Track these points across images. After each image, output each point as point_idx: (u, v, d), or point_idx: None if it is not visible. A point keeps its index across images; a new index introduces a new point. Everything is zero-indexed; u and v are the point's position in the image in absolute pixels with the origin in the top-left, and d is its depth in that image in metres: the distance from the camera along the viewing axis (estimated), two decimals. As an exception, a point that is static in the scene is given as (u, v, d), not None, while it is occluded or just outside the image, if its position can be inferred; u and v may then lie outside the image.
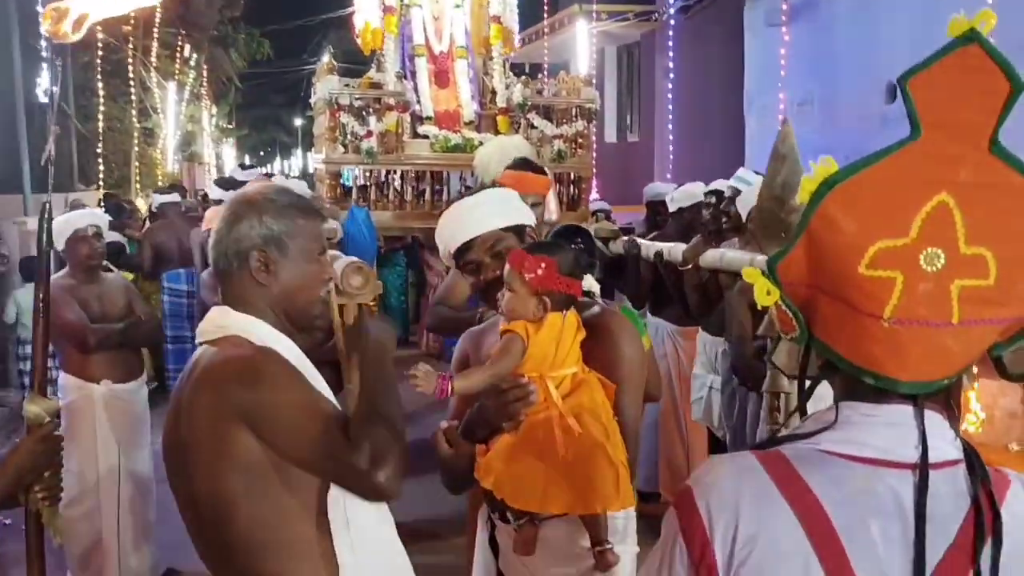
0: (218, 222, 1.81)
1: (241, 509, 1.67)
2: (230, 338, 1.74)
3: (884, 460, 1.08)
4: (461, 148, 5.25)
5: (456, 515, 4.98)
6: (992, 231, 1.03)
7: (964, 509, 1.08)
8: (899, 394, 1.10)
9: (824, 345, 1.13)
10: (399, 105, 5.11)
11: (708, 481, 1.14)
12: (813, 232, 1.08)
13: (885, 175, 1.05)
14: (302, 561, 1.72)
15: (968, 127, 1.04)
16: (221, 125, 23.03)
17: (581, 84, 5.59)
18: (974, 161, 1.03)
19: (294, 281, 1.80)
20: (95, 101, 12.59)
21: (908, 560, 1.06)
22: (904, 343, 1.05)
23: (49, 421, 2.08)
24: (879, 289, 1.04)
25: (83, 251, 4.10)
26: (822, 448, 1.10)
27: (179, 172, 16.69)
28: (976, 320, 1.04)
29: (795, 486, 1.08)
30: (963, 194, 1.03)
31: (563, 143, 5.33)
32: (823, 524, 1.06)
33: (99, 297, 4.18)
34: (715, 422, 4.84)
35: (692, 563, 1.10)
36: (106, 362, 4.13)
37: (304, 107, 33.52)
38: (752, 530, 1.07)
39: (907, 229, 1.03)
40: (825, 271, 1.09)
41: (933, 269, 1.02)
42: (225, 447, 1.65)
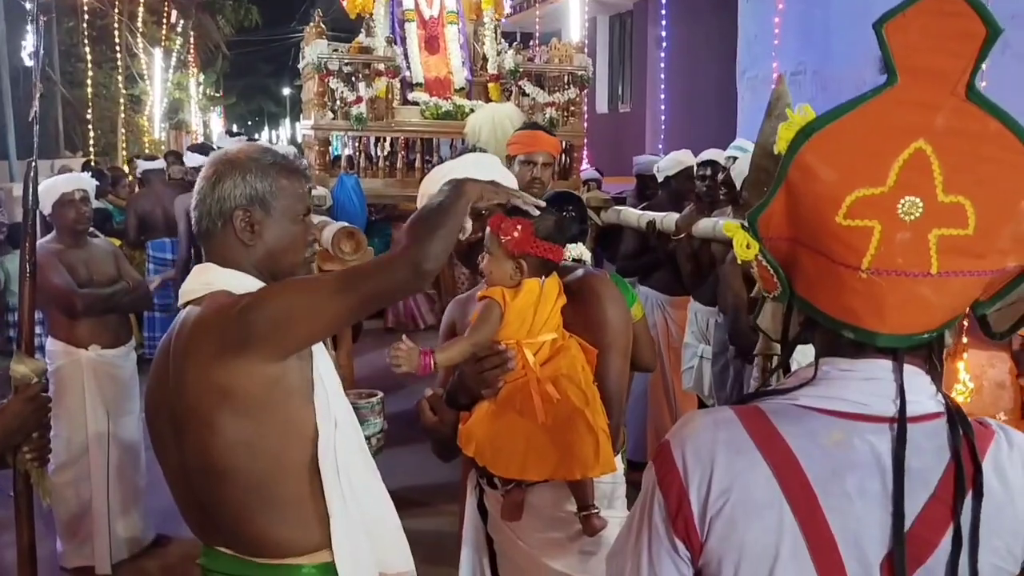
0: (200, 182, 1.79)
1: (236, 467, 1.66)
2: (216, 294, 1.72)
3: (861, 414, 1.08)
4: (452, 115, 5.21)
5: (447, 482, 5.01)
6: (970, 179, 1.02)
7: (944, 462, 1.08)
8: (878, 349, 1.09)
9: (804, 301, 1.13)
10: (389, 71, 5.06)
11: (685, 433, 1.14)
12: (791, 183, 1.08)
13: (862, 123, 1.03)
14: (295, 518, 1.71)
15: (944, 73, 1.02)
16: (208, 93, 22.79)
17: (574, 51, 5.54)
18: (951, 107, 1.01)
19: (279, 242, 1.78)
20: (80, 67, 12.44)
21: (887, 513, 1.06)
22: (882, 294, 1.04)
23: (36, 381, 2.07)
24: (856, 239, 1.03)
25: (70, 215, 4.06)
26: (799, 403, 1.11)
27: (166, 140, 16.52)
28: (955, 271, 1.03)
29: (770, 439, 1.09)
30: (940, 141, 1.01)
31: (555, 111, 5.29)
32: (797, 476, 1.06)
33: (86, 262, 4.14)
34: (705, 391, 4.86)
35: (669, 515, 1.11)
36: (94, 327, 4.11)
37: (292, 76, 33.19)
38: (726, 481, 1.08)
39: (884, 178, 1.02)
40: (803, 222, 1.08)
41: (911, 218, 1.01)
42: (221, 397, 1.62)
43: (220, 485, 1.68)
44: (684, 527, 1.10)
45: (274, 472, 1.68)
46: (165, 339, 1.78)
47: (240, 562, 1.74)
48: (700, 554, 1.10)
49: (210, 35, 19.58)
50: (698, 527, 1.09)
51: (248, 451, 1.65)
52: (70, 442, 4.12)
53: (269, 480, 1.68)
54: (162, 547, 4.47)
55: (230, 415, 1.63)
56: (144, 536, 4.44)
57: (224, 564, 1.76)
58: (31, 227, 2.16)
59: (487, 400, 1.98)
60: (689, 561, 1.12)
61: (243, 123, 36.46)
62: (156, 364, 1.78)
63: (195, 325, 1.68)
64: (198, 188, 1.78)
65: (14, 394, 2.05)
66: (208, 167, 1.79)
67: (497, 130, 4.99)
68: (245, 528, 1.71)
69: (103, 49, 13.53)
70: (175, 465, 1.74)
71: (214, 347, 1.63)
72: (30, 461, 2.07)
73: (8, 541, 2.18)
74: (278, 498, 1.69)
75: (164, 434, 1.75)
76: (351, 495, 1.74)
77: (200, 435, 1.65)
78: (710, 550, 1.09)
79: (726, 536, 1.08)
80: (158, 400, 1.75)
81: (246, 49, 26.26)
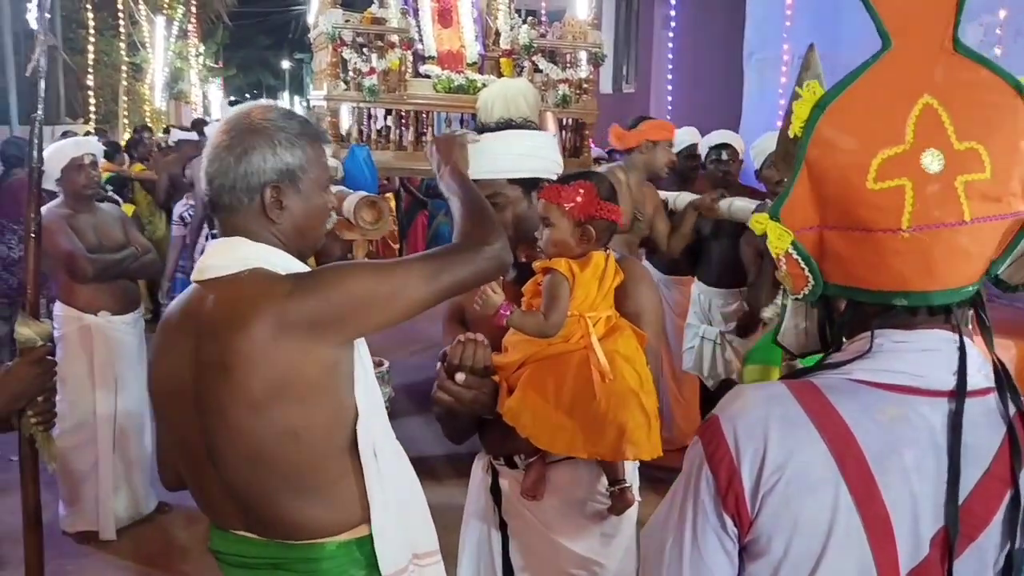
0: (218, 151, 1.65)
1: (278, 453, 1.60)
2: (256, 272, 1.63)
3: (918, 388, 1.08)
4: (464, 89, 5.15)
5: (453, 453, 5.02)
6: (977, 125, 1.05)
7: (999, 437, 1.08)
8: (931, 316, 1.09)
9: (843, 288, 1.12)
10: (403, 43, 5.00)
11: (736, 408, 1.12)
12: (812, 163, 1.08)
13: (869, 88, 1.06)
14: (327, 500, 1.67)
15: (931, 30, 1.06)
16: (208, 64, 22.62)
17: (588, 28, 5.49)
18: (944, 62, 1.06)
19: (304, 215, 1.70)
20: (82, 33, 12.32)
21: (940, 489, 1.05)
22: (927, 250, 1.05)
23: (42, 345, 2.04)
24: (891, 200, 1.04)
25: (80, 180, 4.03)
26: (854, 377, 1.09)
27: (166, 110, 16.41)
28: (984, 217, 1.05)
29: (825, 414, 1.07)
30: (943, 94, 1.04)
31: (568, 88, 5.25)
32: (854, 452, 1.05)
33: (95, 227, 4.12)
34: (705, 372, 4.87)
35: (719, 492, 1.09)
36: (103, 293, 4.10)
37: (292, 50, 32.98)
38: (781, 457, 1.06)
39: (902, 135, 1.04)
40: (832, 201, 1.08)
41: (936, 170, 1.03)
42: (276, 382, 1.56)
43: (256, 470, 1.61)
44: (735, 503, 1.08)
45: (315, 457, 1.62)
46: (179, 315, 1.69)
47: (262, 545, 1.70)
48: (749, 530, 1.09)
49: (211, 5, 19.41)
50: (748, 503, 1.08)
51: (294, 438, 1.59)
52: (76, 407, 4.11)
53: (309, 465, 1.63)
54: (164, 514, 4.50)
55: (283, 400, 1.57)
56: (147, 503, 4.45)
57: (243, 548, 1.72)
58: (36, 186, 2.12)
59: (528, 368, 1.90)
60: (736, 537, 1.10)
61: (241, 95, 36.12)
62: (170, 341, 1.69)
63: (243, 304, 1.58)
64: (216, 157, 1.64)
65: (19, 357, 2.03)
66: (225, 134, 1.66)
67: (510, 106, 4.93)
68: (275, 512, 1.65)
69: (105, 16, 13.41)
70: (196, 447, 1.67)
71: (270, 329, 1.55)
72: (35, 425, 2.05)
73: (10, 506, 2.16)
74: (315, 482, 1.64)
75: (182, 415, 1.67)
76: (386, 476, 1.70)
77: (242, 420, 1.58)
78: (760, 526, 1.08)
79: (779, 512, 1.06)
80: (175, 379, 1.67)
81: (246, 21, 26.04)
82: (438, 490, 4.70)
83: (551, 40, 5.46)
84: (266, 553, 1.70)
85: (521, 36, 5.30)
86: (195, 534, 4.19)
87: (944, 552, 1.05)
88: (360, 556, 1.71)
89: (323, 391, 1.61)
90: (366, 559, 1.72)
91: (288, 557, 1.69)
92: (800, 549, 1.06)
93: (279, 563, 1.70)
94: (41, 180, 2.14)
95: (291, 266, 1.67)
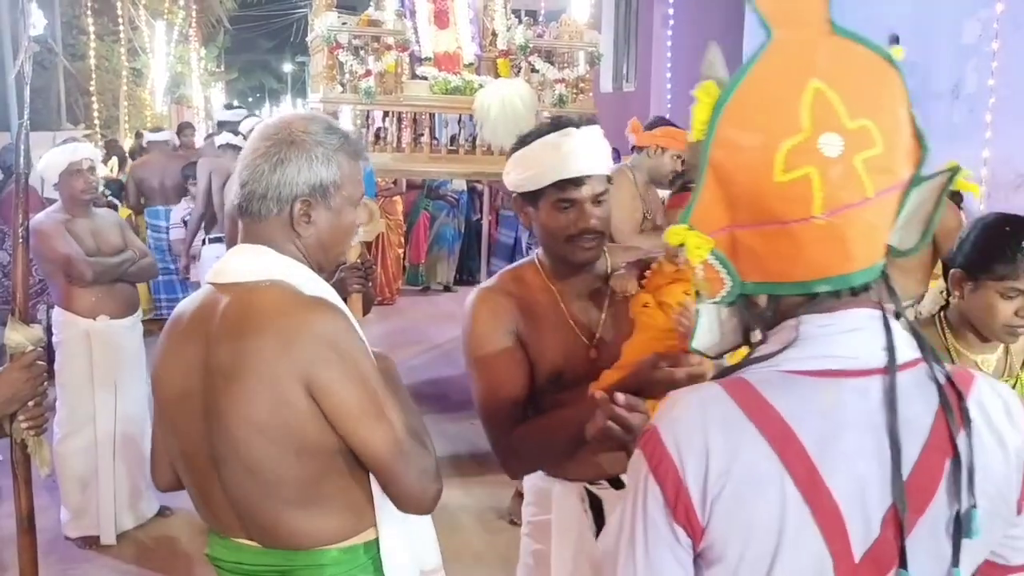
0: (253, 157, 1.63)
1: (289, 465, 1.59)
2: (280, 286, 1.61)
3: (849, 370, 1.07)
4: (460, 90, 5.17)
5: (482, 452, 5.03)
6: (864, 102, 1.05)
7: (933, 408, 1.08)
8: (853, 297, 1.09)
9: (761, 284, 1.11)
10: (399, 45, 5.01)
11: (673, 416, 1.10)
12: (717, 164, 1.07)
13: (760, 82, 1.06)
14: (334, 510, 1.66)
15: (806, 15, 1.07)
16: (210, 68, 22.66)
17: (584, 28, 5.49)
18: (825, 45, 1.06)
19: (330, 232, 1.67)
20: (83, 39, 12.36)
21: (885, 469, 1.05)
22: (843, 233, 1.05)
23: (32, 350, 2.03)
24: (800, 190, 1.04)
25: (79, 185, 4.05)
26: (784, 369, 1.08)
27: (168, 114, 16.45)
28: (884, 190, 1.06)
29: (762, 411, 1.06)
30: (829, 76, 1.05)
31: (565, 87, 5.25)
32: (794, 446, 1.04)
33: (93, 232, 4.14)
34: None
35: (668, 504, 1.07)
36: (102, 297, 4.12)
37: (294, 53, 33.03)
38: (724, 461, 1.05)
39: (799, 124, 1.03)
40: (741, 200, 1.07)
41: (835, 153, 1.03)
42: (289, 401, 1.55)
43: (257, 482, 1.60)
44: (685, 513, 1.06)
45: (319, 471, 1.61)
46: (190, 319, 1.67)
47: (264, 553, 1.68)
48: (701, 538, 1.07)
49: (212, 9, 19.44)
50: (699, 512, 1.06)
51: (296, 453, 1.58)
52: (76, 412, 4.13)
53: (312, 480, 1.61)
54: (165, 519, 4.50)
55: (286, 417, 1.56)
56: (148, 507, 4.45)
57: (245, 556, 1.70)
58: (23, 192, 2.13)
59: None
60: (689, 548, 1.09)
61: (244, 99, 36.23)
62: (178, 344, 1.67)
63: (259, 316, 1.57)
64: (251, 163, 1.63)
65: (9, 362, 2.02)
66: (264, 141, 1.64)
67: (507, 108, 4.96)
68: (277, 523, 1.64)
69: (105, 21, 13.44)
70: (202, 454, 1.65)
71: (282, 346, 1.54)
72: (26, 430, 2.05)
73: (9, 510, 2.17)
74: (317, 495, 1.63)
75: (189, 420, 1.65)
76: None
77: (245, 431, 1.57)
78: (713, 532, 1.06)
79: (730, 516, 1.05)
80: (184, 384, 1.65)
81: (248, 24, 26.08)
82: (486, 489, 4.74)
83: (548, 40, 5.47)
84: (268, 561, 1.69)
85: (517, 36, 5.31)
86: (196, 538, 4.20)
87: (896, 529, 1.05)
88: (366, 560, 1.71)
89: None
90: (372, 563, 1.71)
91: (292, 564, 1.68)
92: (755, 550, 1.05)
93: (283, 570, 1.69)
94: (28, 185, 2.13)
95: (314, 285, 1.65)
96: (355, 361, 1.59)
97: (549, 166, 1.91)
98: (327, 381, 1.55)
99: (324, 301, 1.63)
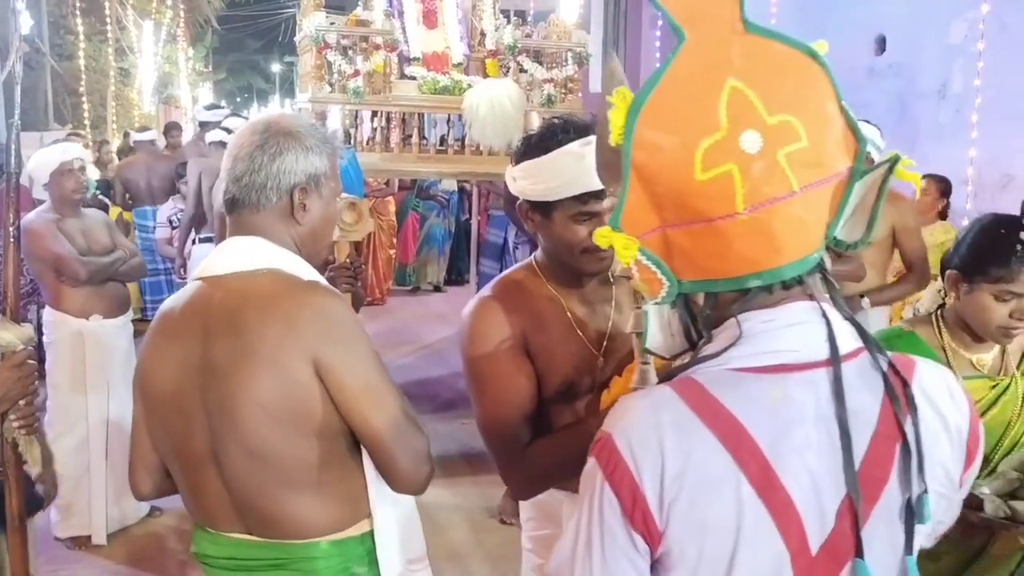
0: (248, 150, 1.67)
1: (287, 452, 1.61)
2: (277, 274, 1.65)
3: (794, 364, 1.08)
4: (449, 90, 5.17)
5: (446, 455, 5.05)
6: (784, 98, 1.06)
7: (879, 396, 1.10)
8: (787, 291, 1.11)
9: (697, 283, 1.13)
10: (387, 44, 5.02)
11: (626, 422, 1.09)
12: (639, 167, 1.07)
13: (676, 83, 1.07)
14: (329, 499, 1.68)
15: (719, 15, 1.07)
16: (198, 69, 22.59)
17: (572, 28, 5.51)
18: (739, 43, 1.07)
19: (321, 223, 1.75)
20: (70, 39, 12.32)
21: (836, 460, 1.06)
22: (767, 227, 1.06)
23: (23, 348, 2.03)
24: (722, 187, 1.04)
25: (70, 185, 4.05)
26: (732, 367, 1.09)
27: (156, 114, 16.40)
28: (812, 184, 1.07)
29: (713, 411, 1.06)
30: (745, 74, 1.05)
31: (553, 88, 5.27)
32: (747, 444, 1.05)
33: (83, 232, 4.14)
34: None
35: (625, 512, 1.06)
36: (94, 297, 4.12)
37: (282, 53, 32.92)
38: (679, 463, 1.05)
39: (717, 123, 1.04)
40: (666, 200, 1.08)
41: (756, 149, 1.04)
42: (292, 385, 1.58)
43: (264, 470, 1.62)
44: (643, 520, 1.06)
45: (320, 454, 1.63)
46: (180, 315, 1.68)
47: (258, 546, 1.70)
48: (660, 543, 1.07)
49: (200, 9, 19.39)
50: (656, 517, 1.06)
51: (300, 435, 1.61)
52: (68, 412, 4.12)
53: (313, 463, 1.63)
54: (154, 519, 4.51)
55: (291, 400, 1.58)
56: (138, 508, 4.45)
57: (237, 550, 1.71)
58: (15, 192, 2.13)
59: None
60: (647, 554, 1.08)
61: (232, 99, 36.11)
62: (169, 342, 1.68)
63: (259, 301, 1.61)
64: (247, 156, 1.67)
65: (0, 361, 2.02)
66: (258, 135, 1.68)
67: (495, 108, 4.96)
68: (276, 509, 1.65)
69: (92, 21, 13.39)
70: (198, 449, 1.66)
71: (284, 329, 1.58)
72: (18, 429, 2.05)
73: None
74: (317, 479, 1.65)
75: (184, 417, 1.66)
76: (388, 489, 1.71)
77: (251, 418, 1.58)
78: (671, 536, 1.06)
79: (687, 519, 1.05)
80: (178, 381, 1.65)
81: (236, 24, 26.00)
82: (429, 490, 4.75)
83: (536, 40, 5.48)
84: (262, 554, 1.70)
85: (506, 37, 5.32)
86: (186, 537, 4.19)
87: (851, 520, 1.06)
88: (360, 552, 1.73)
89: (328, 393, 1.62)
90: (366, 556, 1.73)
91: (287, 557, 1.69)
92: (713, 550, 1.05)
93: (276, 563, 1.70)
94: (19, 185, 2.14)
95: (309, 273, 1.70)
96: (358, 340, 1.63)
97: (572, 177, 1.78)
98: (333, 359, 1.58)
99: (322, 284, 1.68)
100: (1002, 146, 6.65)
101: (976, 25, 6.45)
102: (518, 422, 1.83)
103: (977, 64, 6.38)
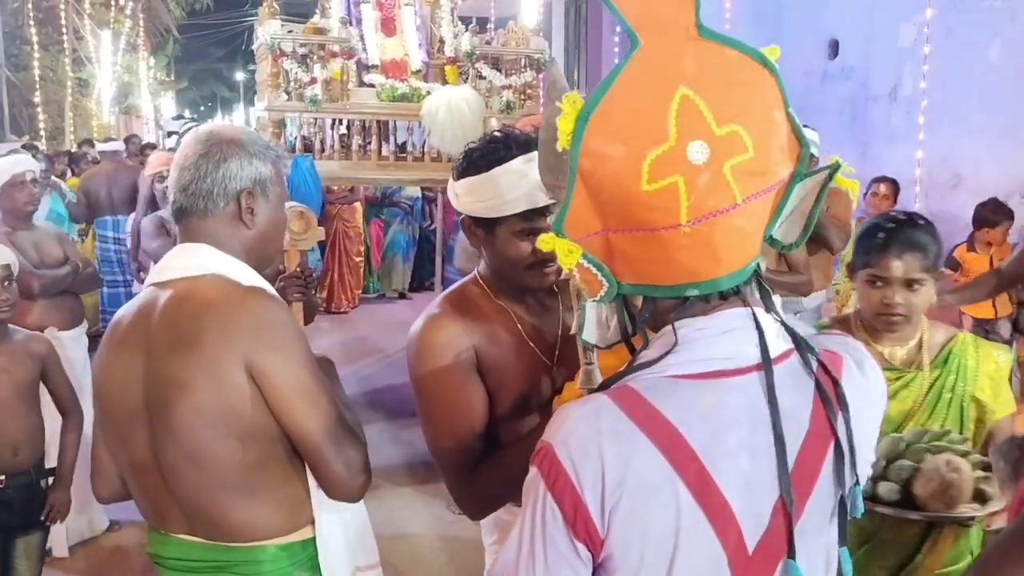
0: (195, 159, 1.70)
1: (222, 454, 1.62)
2: (217, 278, 1.67)
3: (728, 370, 1.10)
4: (408, 98, 5.19)
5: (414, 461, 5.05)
6: (733, 107, 1.05)
7: (811, 395, 1.12)
8: (723, 300, 1.13)
9: (636, 286, 1.14)
10: (344, 52, 5.03)
11: (566, 432, 1.10)
12: (585, 173, 1.07)
13: (627, 90, 1.05)
14: (272, 502, 1.70)
15: (675, 20, 1.06)
16: (159, 78, 22.38)
17: (530, 34, 5.55)
18: (693, 50, 1.06)
19: (269, 227, 1.77)
20: (26, 49, 12.16)
21: (770, 460, 1.09)
22: (709, 240, 1.06)
23: None
24: (666, 199, 1.04)
25: (22, 197, 4.01)
26: (668, 374, 1.11)
27: (116, 124, 16.22)
28: (754, 195, 1.08)
29: (650, 418, 1.07)
30: (697, 83, 1.04)
31: (512, 94, 5.31)
32: (683, 450, 1.07)
33: (35, 245, 4.10)
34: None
35: (567, 521, 1.08)
36: (48, 309, 4.08)
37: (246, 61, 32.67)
38: (619, 471, 1.06)
39: (666, 133, 1.03)
40: (610, 207, 1.08)
41: (702, 161, 1.03)
42: (224, 387, 1.59)
43: (201, 472, 1.64)
44: (585, 528, 1.07)
45: (260, 459, 1.65)
46: (128, 325, 1.70)
47: (204, 548, 1.71)
48: (601, 549, 1.09)
49: (160, 18, 19.21)
50: (598, 525, 1.07)
51: (239, 441, 1.62)
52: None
53: (253, 467, 1.65)
54: (115, 532, 4.48)
55: (231, 409, 1.60)
56: (99, 520, 4.42)
57: (185, 551, 1.73)
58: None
59: None
60: (589, 561, 1.10)
61: (195, 108, 35.82)
62: (116, 351, 1.71)
63: (202, 308, 1.62)
64: (192, 164, 1.69)
65: None
66: (201, 144, 1.71)
67: (454, 113, 4.99)
68: (218, 513, 1.67)
69: (49, 31, 13.24)
70: (141, 452, 1.68)
71: (221, 337, 1.59)
72: None
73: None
74: (258, 483, 1.67)
75: (131, 420, 1.68)
76: None
77: (192, 428, 1.60)
78: (612, 542, 1.08)
79: (628, 525, 1.07)
80: (124, 384, 1.68)
81: (198, 33, 25.80)
82: (395, 497, 4.77)
83: (495, 47, 5.51)
84: (208, 556, 1.72)
85: (464, 43, 5.35)
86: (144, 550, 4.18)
87: (785, 519, 1.09)
88: (304, 557, 1.75)
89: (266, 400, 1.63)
90: (309, 561, 1.75)
91: (230, 560, 1.71)
92: (653, 554, 1.07)
93: (221, 566, 1.72)
94: None
95: (252, 277, 1.72)
96: (293, 346, 1.65)
97: (516, 195, 1.73)
98: (266, 363, 1.60)
99: (262, 289, 1.70)
100: (950, 147, 6.79)
101: (922, 29, 6.59)
102: (469, 441, 1.81)
103: (923, 67, 6.51)
